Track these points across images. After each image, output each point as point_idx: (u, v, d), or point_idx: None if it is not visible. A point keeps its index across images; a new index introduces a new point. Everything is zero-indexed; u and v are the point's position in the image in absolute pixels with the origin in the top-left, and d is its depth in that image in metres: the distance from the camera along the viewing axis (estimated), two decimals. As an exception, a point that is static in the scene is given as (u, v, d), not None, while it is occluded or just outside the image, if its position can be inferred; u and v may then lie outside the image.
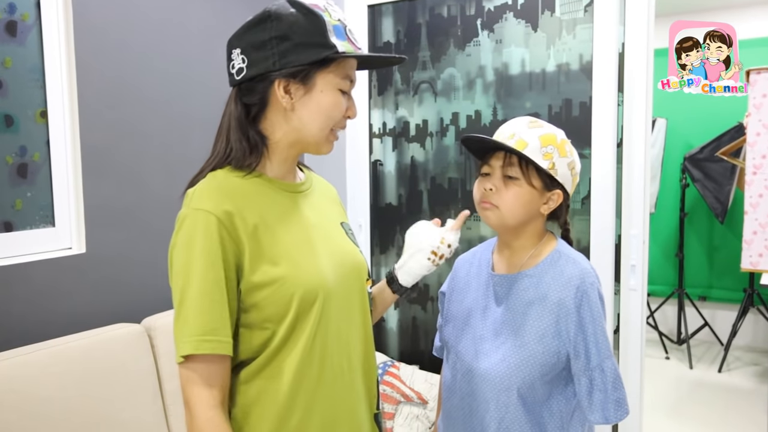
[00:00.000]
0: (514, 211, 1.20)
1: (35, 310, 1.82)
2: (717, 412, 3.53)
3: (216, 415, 0.98)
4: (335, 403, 1.09)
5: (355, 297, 1.16)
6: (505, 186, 1.20)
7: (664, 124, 4.52)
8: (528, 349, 1.18)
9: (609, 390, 1.16)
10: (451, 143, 2.49)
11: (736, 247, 3.95)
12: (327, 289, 1.06)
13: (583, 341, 1.17)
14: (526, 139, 1.19)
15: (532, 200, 1.21)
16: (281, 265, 1.02)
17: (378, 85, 2.64)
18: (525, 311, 1.21)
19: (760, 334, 4.54)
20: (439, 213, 2.54)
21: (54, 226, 1.91)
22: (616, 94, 2.12)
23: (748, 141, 3.58)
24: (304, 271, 1.04)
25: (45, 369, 1.63)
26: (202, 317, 0.97)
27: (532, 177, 1.20)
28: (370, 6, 2.61)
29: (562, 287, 1.19)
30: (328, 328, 1.07)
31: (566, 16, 2.20)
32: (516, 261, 1.27)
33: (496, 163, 1.22)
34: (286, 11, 1.03)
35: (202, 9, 2.33)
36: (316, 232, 1.12)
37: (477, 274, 1.34)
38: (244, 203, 1.03)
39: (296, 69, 1.02)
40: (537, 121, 1.23)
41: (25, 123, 1.84)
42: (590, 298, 1.18)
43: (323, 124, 1.07)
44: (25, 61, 1.83)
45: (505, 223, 1.22)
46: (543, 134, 1.20)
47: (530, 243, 1.26)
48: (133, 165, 2.09)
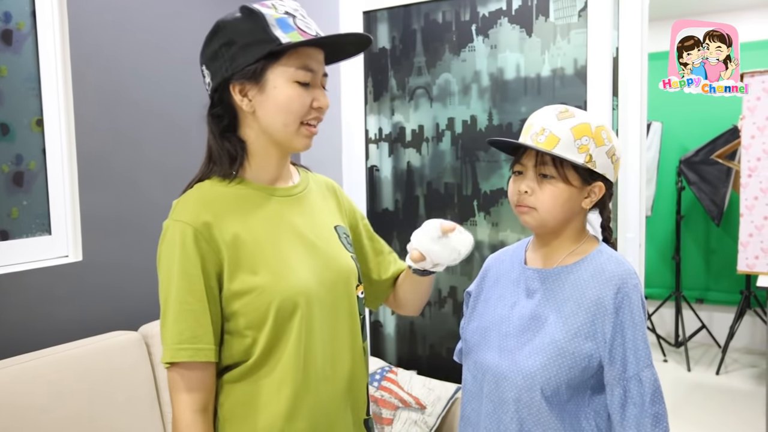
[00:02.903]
0: (553, 212, 1.13)
1: (32, 318, 1.81)
2: (715, 414, 3.54)
3: (196, 419, 1.02)
4: (320, 410, 1.09)
5: (341, 304, 1.14)
6: (540, 186, 1.12)
7: (659, 127, 4.53)
8: (557, 346, 1.09)
9: (646, 403, 1.06)
10: (447, 148, 2.50)
11: (732, 250, 3.97)
12: (308, 297, 1.06)
13: (621, 346, 1.07)
14: (558, 133, 1.10)
15: (571, 198, 1.13)
16: (260, 273, 1.04)
17: (374, 91, 2.64)
18: (559, 307, 1.13)
19: (757, 336, 4.54)
20: (435, 218, 2.54)
21: (50, 234, 1.91)
22: (611, 99, 2.13)
23: (743, 144, 3.59)
24: (284, 279, 1.04)
25: (42, 377, 1.63)
26: (180, 325, 1.01)
27: (569, 174, 1.11)
28: (365, 12, 2.62)
29: (602, 285, 1.11)
30: (312, 335, 1.07)
31: (560, 21, 2.21)
32: (554, 257, 1.19)
33: (528, 161, 1.14)
34: (231, 17, 1.05)
35: (197, 17, 2.34)
36: (302, 239, 1.11)
37: (508, 270, 1.26)
38: (225, 212, 1.05)
39: (245, 69, 1.03)
40: (568, 110, 1.14)
41: (20, 131, 1.84)
42: (632, 301, 1.09)
43: (285, 119, 1.05)
44: (21, 69, 1.83)
45: (544, 225, 1.15)
46: (575, 125, 1.11)
47: (570, 241, 1.19)
48: (129, 173, 2.09)
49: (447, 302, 2.51)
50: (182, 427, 1.01)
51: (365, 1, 2.60)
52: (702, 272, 4.77)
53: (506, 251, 1.34)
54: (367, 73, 2.63)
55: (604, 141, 1.12)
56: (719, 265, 4.69)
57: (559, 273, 1.16)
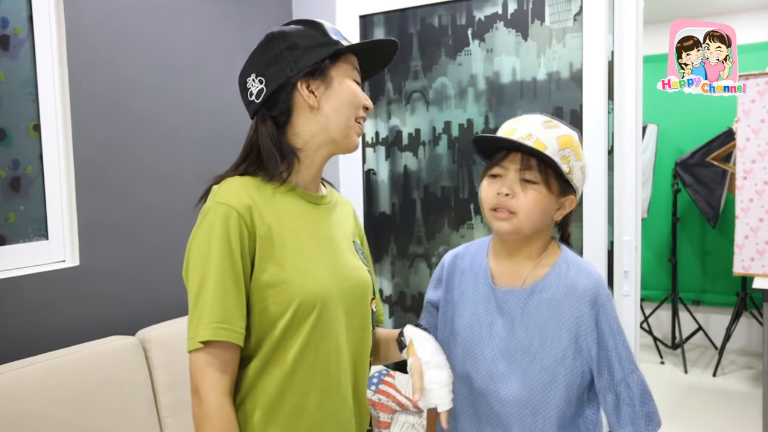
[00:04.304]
0: (532, 218, 1.11)
1: (29, 323, 1.81)
2: (712, 416, 3.54)
3: (226, 402, 1.01)
4: (326, 414, 1.10)
5: (357, 314, 1.17)
6: (522, 190, 1.10)
7: (655, 129, 4.55)
8: (550, 371, 1.11)
9: (637, 405, 1.10)
10: (444, 152, 2.50)
11: (728, 252, 3.98)
12: (326, 301, 1.08)
13: (605, 357, 1.10)
14: (545, 140, 1.10)
15: (549, 206, 1.12)
16: (287, 269, 1.06)
17: (370, 95, 2.65)
18: (541, 331, 1.13)
19: (753, 337, 4.56)
20: (432, 221, 2.55)
21: (47, 239, 1.91)
22: (606, 102, 2.14)
23: (738, 146, 3.61)
24: (308, 279, 1.06)
25: (39, 383, 1.62)
26: (219, 305, 1.00)
27: (551, 181, 1.11)
28: (361, 16, 2.63)
29: (577, 303, 1.11)
30: (324, 339, 1.08)
31: (556, 25, 2.23)
32: (520, 272, 1.18)
33: (511, 165, 1.12)
34: (287, 28, 1.14)
35: (194, 24, 2.35)
36: (328, 246, 1.15)
37: (473, 284, 1.23)
38: (264, 204, 1.08)
39: (312, 68, 1.10)
40: (551, 120, 1.14)
41: (18, 136, 1.84)
42: (607, 311, 1.11)
43: (348, 113, 1.13)
44: (18, 74, 1.83)
45: (520, 231, 1.12)
46: (560, 135, 1.12)
47: (536, 252, 1.17)
48: (125, 178, 2.09)
49: (444, 305, 2.51)
50: (212, 409, 0.99)
51: (362, 6, 2.61)
52: (698, 274, 4.79)
53: (463, 256, 1.29)
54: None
55: (581, 156, 1.14)
56: (715, 267, 4.70)
57: (532, 293, 1.15)
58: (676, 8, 4.34)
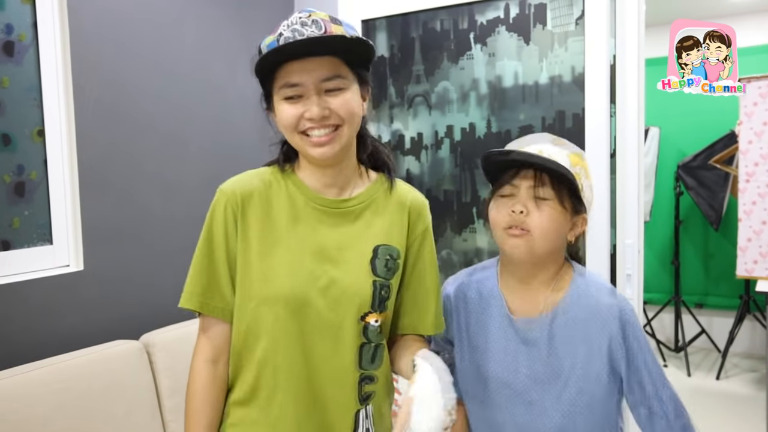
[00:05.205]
0: (547, 237, 1.06)
1: (34, 328, 1.82)
2: (716, 419, 3.54)
3: (204, 368, 1.11)
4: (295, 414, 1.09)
5: (340, 324, 1.10)
6: (537, 208, 1.06)
7: (657, 132, 4.55)
8: (587, 394, 1.08)
9: (672, 418, 1.09)
10: (446, 156, 2.51)
11: (731, 254, 3.98)
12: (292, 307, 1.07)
13: (635, 372, 1.09)
14: (556, 158, 1.06)
15: (563, 225, 1.08)
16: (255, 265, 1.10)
17: (373, 99, 2.65)
18: (570, 353, 1.09)
19: (757, 340, 4.55)
20: (435, 225, 2.55)
21: (52, 244, 1.92)
22: (609, 105, 2.14)
23: (741, 149, 3.61)
24: (269, 283, 1.09)
25: (44, 387, 1.63)
26: (194, 278, 1.12)
27: (565, 198, 1.07)
28: (363, 21, 2.64)
29: (604, 321, 1.08)
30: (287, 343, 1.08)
31: (558, 29, 2.23)
32: (536, 299, 1.13)
33: (522, 182, 1.07)
34: None
35: (196, 28, 2.36)
36: (320, 251, 1.11)
37: (488, 314, 1.17)
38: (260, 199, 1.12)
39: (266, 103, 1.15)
40: (559, 139, 1.12)
41: (22, 142, 1.85)
42: (634, 327, 1.09)
43: (291, 135, 1.11)
44: (23, 80, 1.84)
45: (535, 251, 1.07)
46: (571, 153, 1.09)
47: (551, 276, 1.13)
48: (129, 182, 2.10)
49: (447, 309, 2.51)
50: (192, 371, 1.12)
51: (364, 10, 2.62)
52: (701, 277, 4.78)
53: (468, 285, 1.22)
54: (366, 81, 2.64)
55: (590, 175, 1.12)
56: (718, 270, 4.69)
57: (554, 317, 1.11)
58: (678, 11, 4.34)
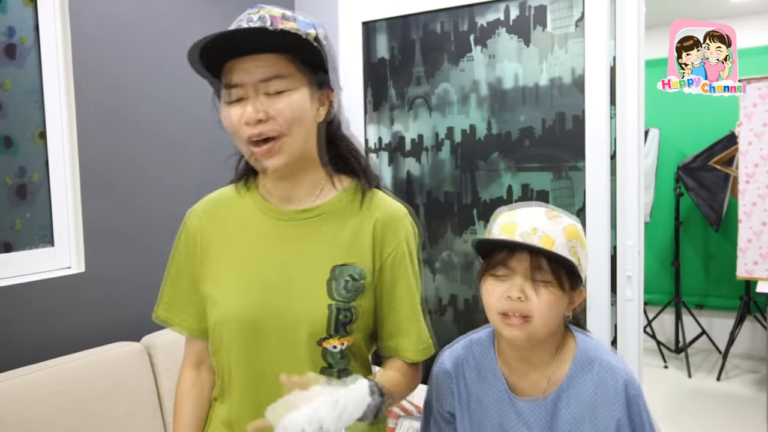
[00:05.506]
0: (548, 322, 1.01)
1: (35, 329, 1.82)
2: (716, 420, 3.54)
3: (188, 373, 1.16)
4: None
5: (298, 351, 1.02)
6: (536, 292, 1.00)
7: (657, 134, 4.56)
8: None
9: None
10: (447, 157, 2.51)
11: (731, 255, 3.98)
12: (243, 331, 1.03)
13: None
14: (552, 234, 1.00)
15: (563, 305, 1.04)
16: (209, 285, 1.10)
17: (373, 101, 2.66)
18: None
19: (757, 341, 4.55)
20: (435, 227, 2.56)
21: (53, 245, 1.92)
22: (609, 107, 2.14)
23: (740, 150, 3.62)
24: (224, 305, 1.06)
25: (45, 389, 1.63)
26: (163, 291, 1.16)
27: (563, 279, 1.01)
28: (364, 23, 2.64)
29: (611, 401, 1.04)
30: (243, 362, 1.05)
31: (558, 31, 2.24)
32: (538, 377, 1.09)
33: (519, 265, 1.01)
34: None
35: (199, 32, 2.35)
36: (273, 274, 1.04)
37: (488, 394, 1.12)
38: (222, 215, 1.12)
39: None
40: (552, 210, 1.06)
41: (24, 144, 1.85)
42: (640, 406, 1.05)
43: (237, 144, 1.02)
44: (24, 83, 1.85)
45: (534, 338, 1.03)
46: (566, 227, 1.03)
47: (551, 352, 1.08)
48: (131, 184, 2.10)
49: (448, 310, 2.52)
50: (179, 376, 1.17)
51: (364, 12, 2.62)
52: (701, 278, 4.78)
53: (467, 360, 1.17)
54: (366, 83, 2.65)
55: (585, 244, 1.07)
56: (718, 271, 4.69)
57: (558, 398, 1.06)
58: (678, 12, 4.34)
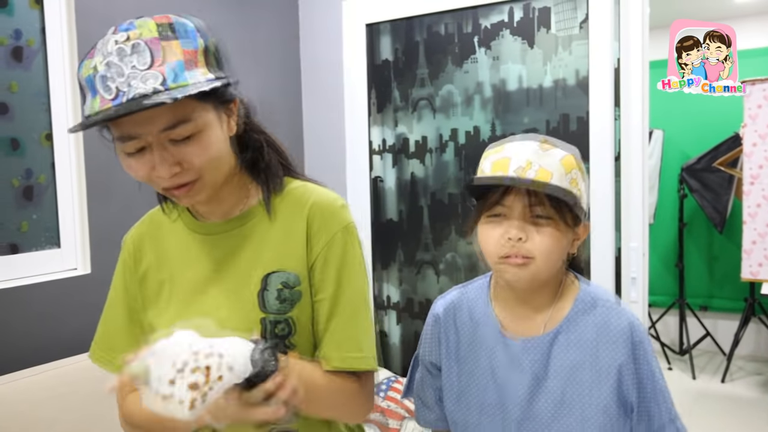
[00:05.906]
0: (551, 260, 0.94)
1: (41, 330, 1.83)
2: (721, 422, 3.53)
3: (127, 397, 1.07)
4: None
5: None
6: (537, 230, 0.93)
7: (660, 135, 4.55)
8: (592, 423, 0.96)
9: None
10: (451, 159, 2.52)
11: (735, 257, 3.97)
12: None
13: (644, 401, 0.99)
14: (549, 167, 0.92)
15: (567, 241, 0.96)
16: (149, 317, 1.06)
17: (377, 103, 2.67)
18: (574, 378, 0.98)
19: (762, 343, 4.54)
20: (440, 229, 2.56)
21: (59, 247, 1.93)
22: (613, 108, 2.15)
23: (745, 151, 3.61)
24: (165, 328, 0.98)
25: (50, 391, 1.64)
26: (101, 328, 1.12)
27: (566, 213, 0.93)
28: (368, 25, 2.65)
29: (613, 344, 0.98)
30: None
31: (562, 32, 2.24)
32: (536, 318, 1.01)
33: (516, 201, 0.93)
34: None
35: (204, 31, 2.37)
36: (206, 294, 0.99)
37: (480, 336, 1.05)
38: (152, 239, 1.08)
39: None
40: (547, 140, 0.97)
41: (30, 146, 1.86)
42: (646, 351, 0.98)
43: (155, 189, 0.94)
44: (31, 85, 1.86)
45: (537, 278, 0.95)
46: (563, 157, 0.95)
47: (553, 292, 1.01)
48: (136, 186, 2.10)
49: (452, 312, 2.52)
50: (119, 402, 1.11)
51: (368, 14, 2.63)
52: (705, 280, 4.77)
53: (459, 307, 1.09)
54: (370, 85, 2.66)
55: (584, 173, 0.99)
56: (723, 273, 4.69)
57: (556, 336, 0.99)
58: (682, 13, 4.34)
